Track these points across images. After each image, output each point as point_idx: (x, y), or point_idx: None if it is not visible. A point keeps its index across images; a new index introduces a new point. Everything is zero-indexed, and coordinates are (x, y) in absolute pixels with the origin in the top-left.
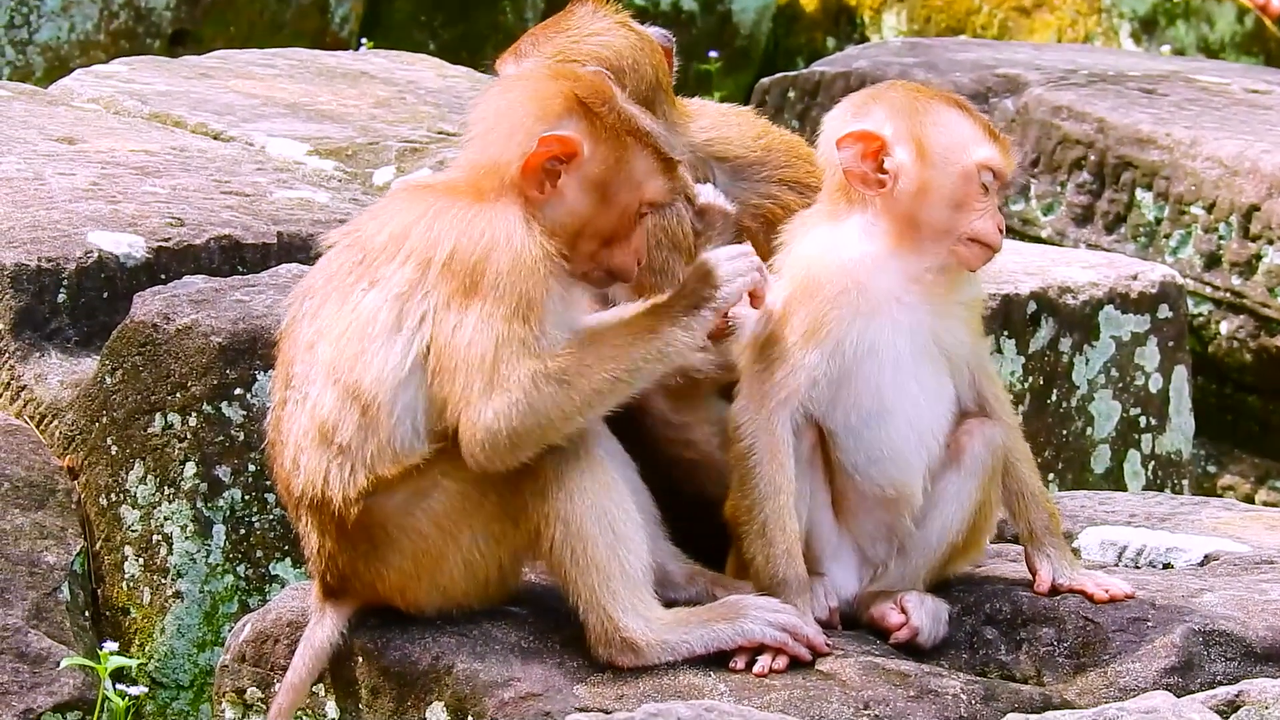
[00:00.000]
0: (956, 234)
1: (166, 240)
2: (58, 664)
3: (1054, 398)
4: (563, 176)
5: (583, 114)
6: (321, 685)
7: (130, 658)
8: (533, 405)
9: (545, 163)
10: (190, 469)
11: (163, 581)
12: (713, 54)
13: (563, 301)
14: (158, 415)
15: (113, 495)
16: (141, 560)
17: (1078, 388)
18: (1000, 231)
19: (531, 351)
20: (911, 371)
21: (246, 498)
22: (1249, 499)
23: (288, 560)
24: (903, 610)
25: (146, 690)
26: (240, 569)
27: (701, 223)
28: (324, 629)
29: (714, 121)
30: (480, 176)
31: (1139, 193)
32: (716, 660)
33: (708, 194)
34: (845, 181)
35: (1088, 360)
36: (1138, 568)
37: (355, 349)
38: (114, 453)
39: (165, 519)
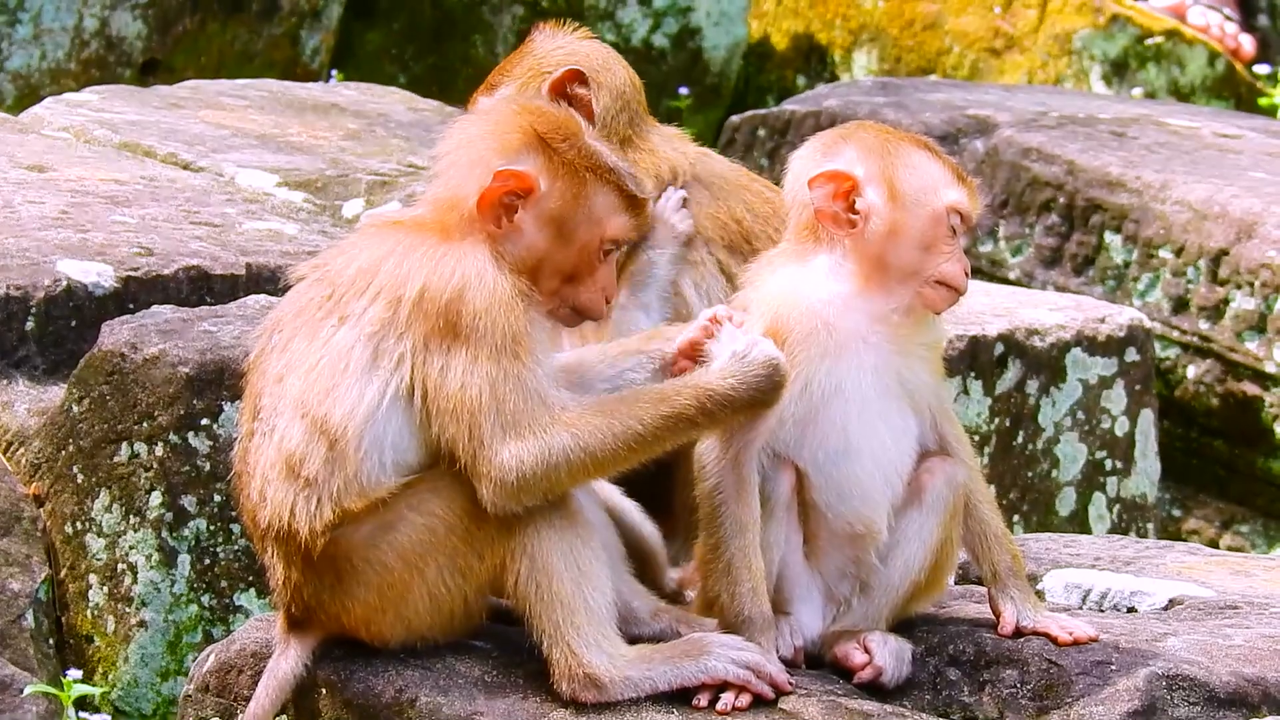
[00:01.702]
0: (924, 276)
1: (135, 270)
2: (21, 691)
3: (1020, 439)
4: (520, 211)
5: (541, 149)
6: (284, 717)
7: (94, 686)
8: (544, 455)
9: (501, 197)
10: (156, 498)
11: (127, 610)
12: (683, 90)
13: (545, 331)
14: (124, 444)
15: (78, 523)
16: (106, 589)
17: (1044, 430)
18: (966, 275)
19: (536, 393)
20: (877, 410)
21: (211, 528)
22: (1214, 543)
23: (252, 591)
24: (866, 650)
25: (109, 719)
26: (204, 599)
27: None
28: (288, 660)
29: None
30: (444, 212)
31: (1108, 235)
32: (680, 697)
33: (666, 206)
34: (814, 221)
35: (1054, 402)
36: (1102, 611)
37: (325, 384)
38: (80, 481)
39: (130, 548)
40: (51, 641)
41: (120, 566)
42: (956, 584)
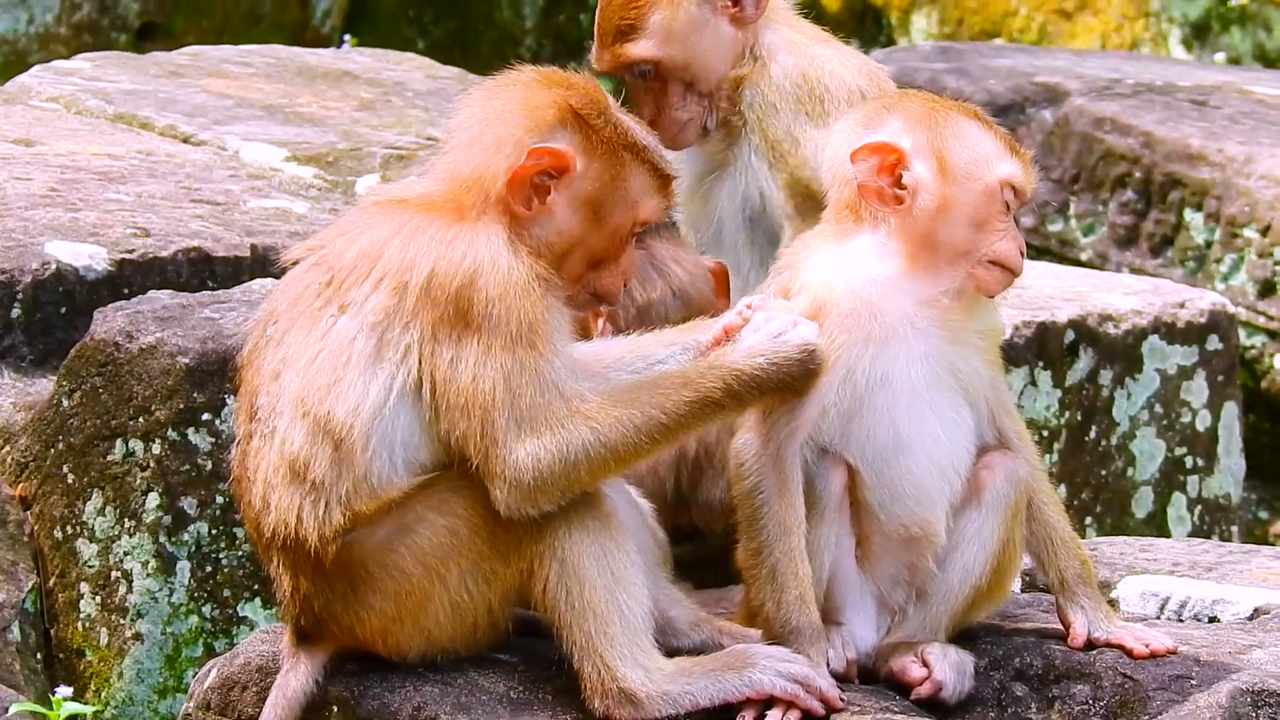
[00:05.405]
0: (976, 255)
1: (130, 252)
2: (6, 709)
3: (1093, 435)
4: (553, 193)
5: (577, 126)
6: None
7: (85, 704)
8: (563, 452)
9: (534, 177)
10: (153, 500)
11: (121, 622)
12: None
13: (563, 318)
14: (118, 441)
15: (68, 527)
16: (99, 598)
17: (1119, 424)
18: (1021, 254)
19: (553, 386)
20: (927, 402)
21: (213, 532)
22: None
23: (257, 600)
24: (925, 663)
25: None
26: (206, 609)
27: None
28: (297, 676)
29: None
30: (461, 190)
31: (1188, 213)
32: (722, 714)
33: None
34: (856, 198)
35: (1130, 395)
36: (1181, 621)
37: (327, 379)
38: (70, 481)
39: (125, 554)
40: (39, 656)
41: (114, 574)
42: (1023, 591)
